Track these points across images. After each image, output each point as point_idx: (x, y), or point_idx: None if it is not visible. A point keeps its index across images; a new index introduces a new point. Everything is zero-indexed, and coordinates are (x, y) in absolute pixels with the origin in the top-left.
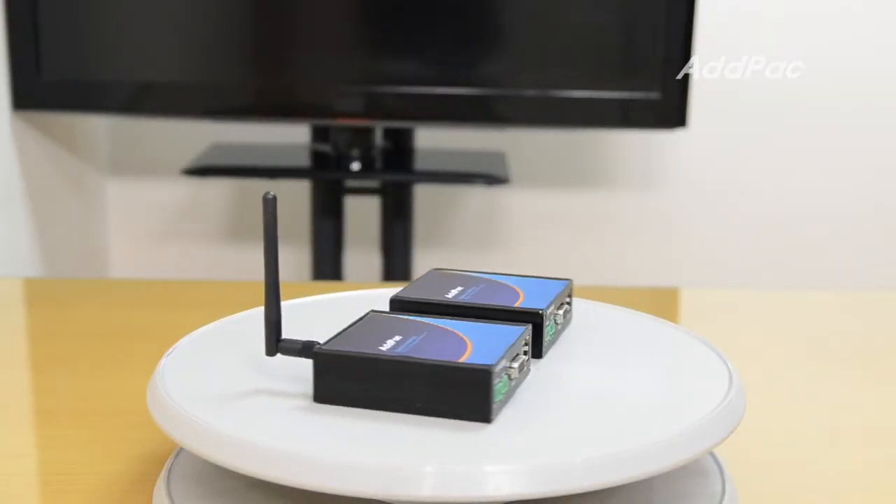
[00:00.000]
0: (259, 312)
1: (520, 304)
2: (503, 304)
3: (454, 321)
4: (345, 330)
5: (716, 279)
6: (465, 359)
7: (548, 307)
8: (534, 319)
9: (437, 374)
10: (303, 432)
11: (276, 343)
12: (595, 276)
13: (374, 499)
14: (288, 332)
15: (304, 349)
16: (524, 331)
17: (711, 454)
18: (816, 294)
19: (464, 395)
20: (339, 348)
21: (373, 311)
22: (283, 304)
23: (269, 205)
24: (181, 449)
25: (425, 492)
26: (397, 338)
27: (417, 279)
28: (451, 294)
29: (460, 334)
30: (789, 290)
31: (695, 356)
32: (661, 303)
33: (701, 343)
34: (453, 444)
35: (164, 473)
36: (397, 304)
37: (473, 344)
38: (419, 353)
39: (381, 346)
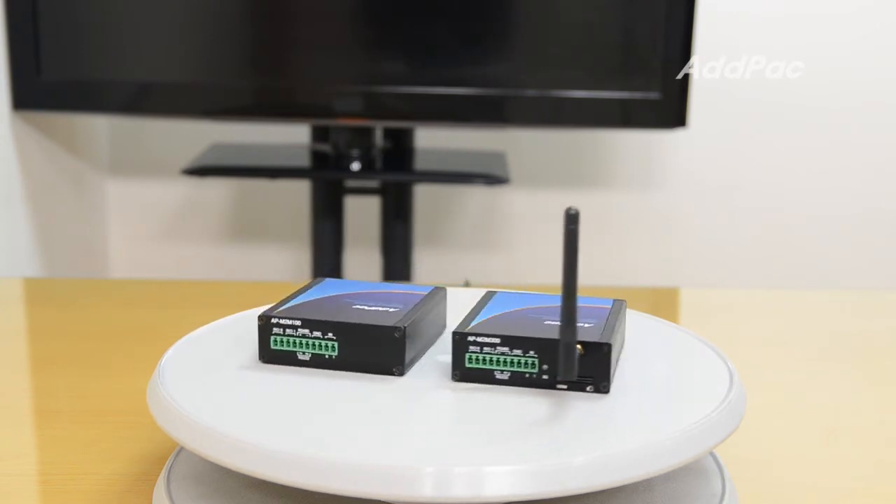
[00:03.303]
0: (258, 313)
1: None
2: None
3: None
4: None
5: (716, 279)
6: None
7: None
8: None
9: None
10: (303, 432)
11: (575, 366)
12: (595, 276)
13: (375, 499)
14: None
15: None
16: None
17: (711, 454)
18: (816, 294)
19: None
20: (601, 339)
21: (455, 331)
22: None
23: (572, 220)
24: (181, 449)
25: (425, 492)
26: (543, 319)
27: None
28: (386, 309)
29: (532, 306)
30: (789, 290)
31: (695, 356)
32: (661, 303)
33: (701, 343)
34: (453, 445)
35: (164, 473)
36: (406, 330)
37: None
38: (599, 318)
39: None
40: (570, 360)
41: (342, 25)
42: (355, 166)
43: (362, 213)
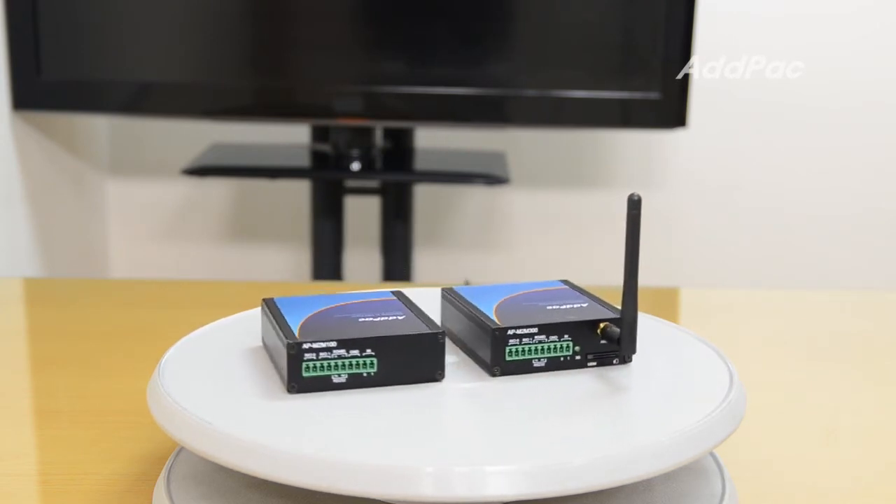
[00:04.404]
0: (258, 313)
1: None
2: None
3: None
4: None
5: (716, 279)
6: None
7: None
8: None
9: None
10: (303, 432)
11: (634, 342)
12: (595, 276)
13: (375, 498)
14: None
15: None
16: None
17: (711, 454)
18: (816, 294)
19: None
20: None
21: (494, 328)
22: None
23: (635, 205)
24: (181, 449)
25: (426, 492)
26: (544, 305)
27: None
28: (396, 317)
29: (512, 294)
30: (789, 290)
31: (695, 356)
32: (661, 303)
33: (701, 343)
34: (454, 445)
35: (164, 473)
36: (442, 336)
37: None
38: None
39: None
40: (629, 337)
41: (342, 25)
42: (355, 166)
43: (362, 213)
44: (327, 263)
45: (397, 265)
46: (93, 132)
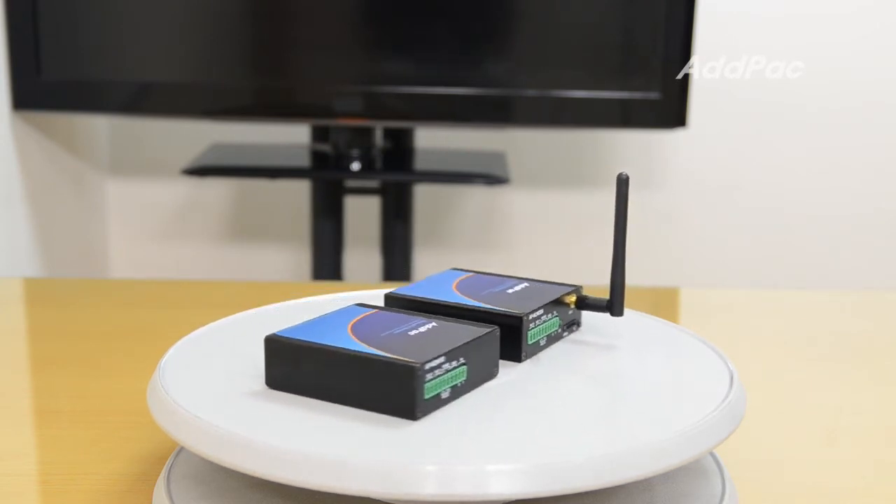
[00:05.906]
0: (259, 313)
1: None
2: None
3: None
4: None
5: (716, 279)
6: None
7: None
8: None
9: None
10: (303, 432)
11: (622, 304)
12: (595, 276)
13: (376, 498)
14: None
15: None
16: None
17: (711, 454)
18: (816, 294)
19: None
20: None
21: (523, 315)
22: (279, 304)
23: (623, 184)
24: (181, 449)
25: (426, 491)
26: (506, 289)
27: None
28: (430, 324)
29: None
30: (789, 290)
31: (695, 356)
32: (661, 303)
33: (701, 343)
34: (454, 444)
35: (164, 473)
36: (497, 332)
37: None
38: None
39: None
40: (618, 299)
41: (342, 25)
42: (355, 166)
43: (362, 213)
44: (327, 263)
45: (397, 265)
46: (93, 132)
